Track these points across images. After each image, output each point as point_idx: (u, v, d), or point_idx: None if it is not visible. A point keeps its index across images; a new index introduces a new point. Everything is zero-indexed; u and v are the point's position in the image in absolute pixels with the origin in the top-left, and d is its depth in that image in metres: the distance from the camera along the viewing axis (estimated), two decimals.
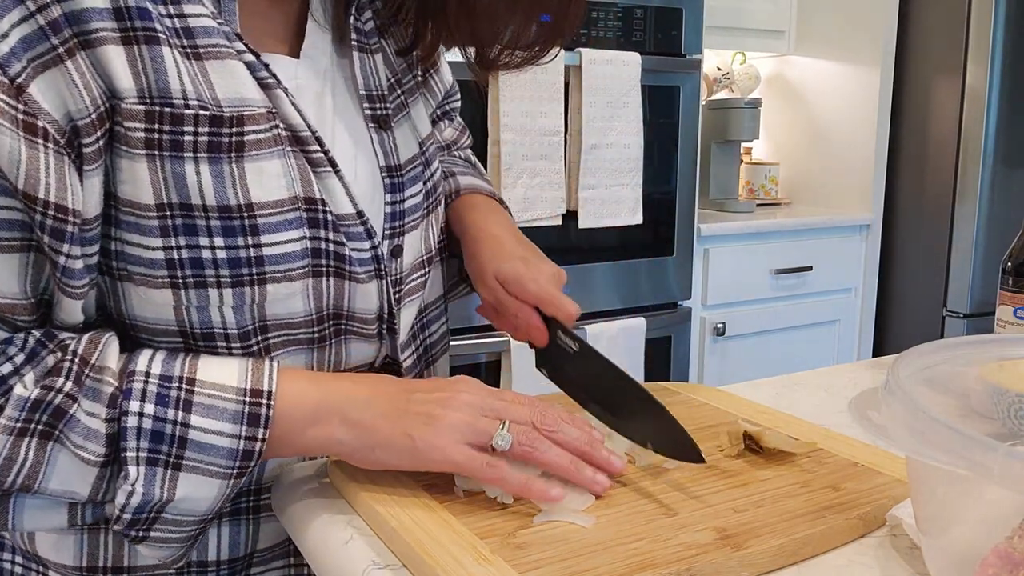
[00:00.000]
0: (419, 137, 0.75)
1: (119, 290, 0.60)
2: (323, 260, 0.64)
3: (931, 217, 2.58)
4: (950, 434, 0.41)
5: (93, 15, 0.54)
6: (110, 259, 0.59)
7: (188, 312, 0.60)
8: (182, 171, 0.57)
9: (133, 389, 0.56)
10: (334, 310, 0.66)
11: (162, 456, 0.56)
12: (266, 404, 0.58)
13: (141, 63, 0.55)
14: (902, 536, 0.56)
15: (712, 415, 0.76)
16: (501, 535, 0.54)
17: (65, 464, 0.55)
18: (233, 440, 0.57)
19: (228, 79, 0.59)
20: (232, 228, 0.59)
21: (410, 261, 0.73)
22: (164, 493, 0.56)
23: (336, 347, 0.68)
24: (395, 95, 0.74)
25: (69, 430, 0.54)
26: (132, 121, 0.55)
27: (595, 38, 2.10)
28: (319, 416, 0.59)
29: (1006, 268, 0.86)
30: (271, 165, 0.60)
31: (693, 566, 0.50)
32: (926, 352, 0.54)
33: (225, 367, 0.59)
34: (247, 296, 0.60)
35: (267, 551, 0.70)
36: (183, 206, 0.57)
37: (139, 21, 0.55)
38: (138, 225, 0.57)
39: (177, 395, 0.56)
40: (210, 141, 0.57)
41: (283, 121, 0.62)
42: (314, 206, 0.62)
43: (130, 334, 0.62)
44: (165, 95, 0.56)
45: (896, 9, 2.58)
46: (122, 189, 0.57)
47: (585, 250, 2.16)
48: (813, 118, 2.83)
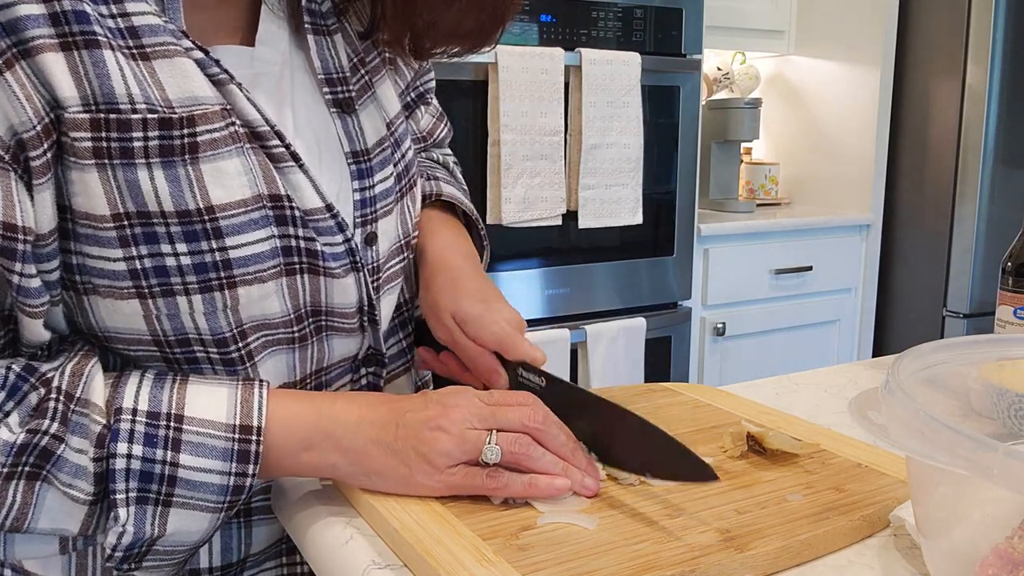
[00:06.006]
0: (387, 118, 0.72)
1: (86, 304, 0.58)
2: (295, 257, 0.62)
3: (931, 217, 2.58)
4: (950, 434, 0.42)
5: (29, 23, 0.52)
6: (73, 273, 0.57)
7: (159, 321, 0.58)
8: (135, 178, 0.55)
9: (120, 430, 0.55)
10: (312, 307, 0.65)
11: (151, 495, 0.55)
12: (256, 440, 0.57)
13: (83, 69, 0.53)
14: (903, 536, 0.56)
15: (714, 416, 0.76)
16: (504, 536, 0.54)
17: (54, 503, 0.54)
18: (223, 476, 0.56)
19: (178, 78, 0.56)
20: (194, 233, 0.57)
21: (386, 248, 0.71)
22: (155, 529, 0.56)
23: (318, 344, 0.67)
24: (358, 76, 0.70)
25: (57, 470, 0.54)
26: (78, 131, 0.53)
27: (595, 38, 2.10)
28: (312, 442, 0.59)
29: (1006, 268, 0.87)
30: (229, 164, 0.58)
31: (697, 567, 0.50)
32: (926, 352, 0.54)
33: (214, 399, 0.58)
34: (218, 301, 0.59)
35: (259, 554, 0.69)
36: (140, 214, 0.55)
37: (77, 25, 0.53)
38: (96, 237, 0.55)
39: (165, 434, 0.55)
40: (161, 145, 0.55)
41: (239, 117, 0.59)
42: (280, 203, 0.60)
43: (104, 346, 0.60)
44: (110, 100, 0.54)
45: (896, 9, 2.58)
46: (76, 201, 0.55)
47: (585, 250, 2.16)
48: (813, 118, 2.83)
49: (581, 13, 2.07)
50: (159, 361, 0.61)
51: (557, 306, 2.14)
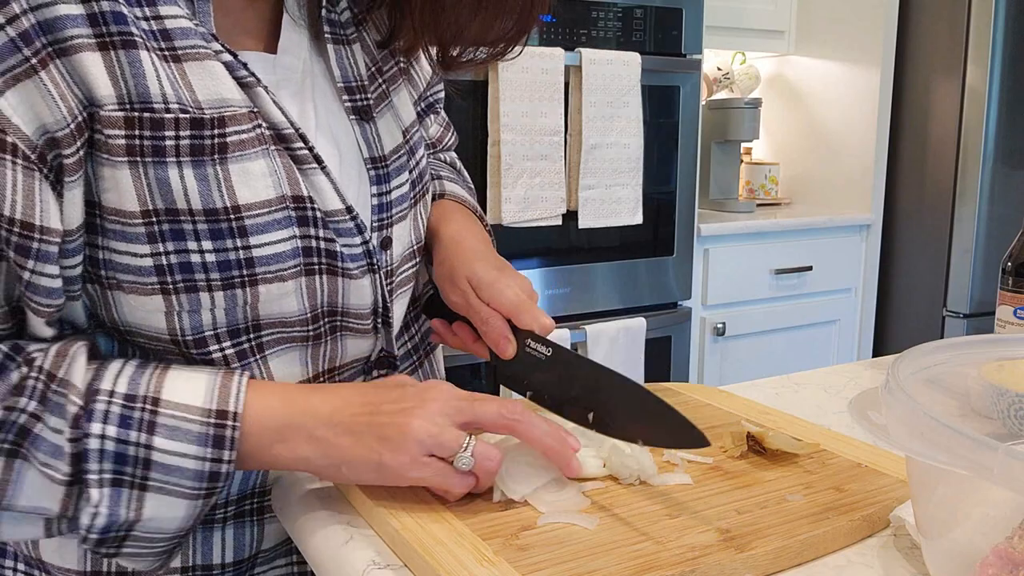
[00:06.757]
0: (402, 126, 0.74)
1: (109, 298, 0.59)
2: (315, 258, 0.63)
3: (931, 217, 2.58)
4: (950, 434, 0.42)
5: (67, 22, 0.53)
6: (98, 268, 0.58)
7: (180, 317, 0.59)
8: (166, 176, 0.56)
9: (95, 410, 0.55)
10: (328, 307, 0.66)
11: (127, 477, 0.55)
12: (231, 426, 0.57)
13: (119, 69, 0.54)
14: (903, 536, 0.57)
15: (714, 415, 0.76)
16: (504, 536, 0.54)
17: (33, 481, 0.54)
18: (199, 462, 0.56)
19: (208, 80, 0.58)
20: (220, 231, 0.58)
21: (400, 252, 0.72)
22: (130, 513, 0.56)
23: (332, 344, 0.68)
24: (376, 84, 0.72)
25: (35, 448, 0.54)
26: (112, 128, 0.54)
27: (595, 38, 2.10)
28: (284, 434, 0.59)
29: (1006, 268, 0.87)
30: (256, 165, 0.59)
31: (697, 567, 0.50)
32: (926, 352, 0.54)
33: (192, 383, 0.58)
34: (239, 298, 0.60)
35: (271, 550, 0.70)
36: (169, 211, 0.57)
37: (115, 26, 0.54)
38: (124, 233, 0.56)
39: (140, 416, 0.55)
40: (192, 144, 0.57)
41: (265, 120, 0.61)
42: (302, 204, 0.62)
43: (126, 339, 0.61)
44: (145, 100, 0.55)
45: (896, 9, 2.58)
46: (106, 197, 0.56)
47: (585, 250, 2.16)
48: (813, 118, 2.84)
49: (581, 13, 2.08)
50: (176, 356, 0.62)
51: (557, 306, 2.14)
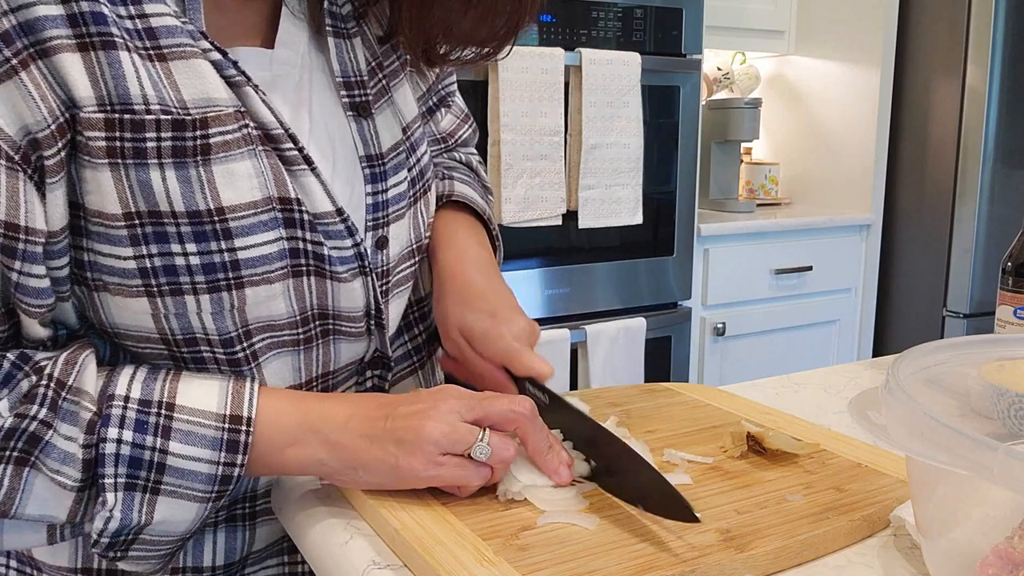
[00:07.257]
0: (403, 122, 0.72)
1: (96, 300, 0.59)
2: (302, 260, 0.63)
3: (931, 217, 2.58)
4: (950, 434, 0.42)
5: (47, 23, 0.52)
6: (84, 270, 0.58)
7: (167, 320, 0.59)
8: (147, 178, 0.56)
9: (112, 415, 0.55)
10: (319, 310, 0.65)
11: (140, 481, 0.55)
12: (245, 431, 0.57)
13: (99, 70, 0.54)
14: (903, 536, 0.57)
15: (714, 415, 0.76)
16: (504, 536, 0.54)
17: (42, 489, 0.54)
18: (212, 466, 0.57)
19: (194, 79, 0.57)
20: (204, 233, 0.57)
21: (397, 252, 0.71)
22: (142, 517, 0.56)
23: (324, 347, 0.67)
24: (376, 79, 0.71)
25: (45, 456, 0.54)
26: (92, 130, 0.54)
27: (595, 38, 2.10)
28: (298, 437, 0.59)
29: (1006, 268, 0.87)
30: (241, 166, 0.58)
31: (697, 567, 0.50)
32: (926, 352, 0.54)
33: (205, 389, 0.58)
34: (225, 301, 0.59)
35: (261, 551, 0.70)
36: (152, 213, 0.56)
37: (95, 27, 0.54)
38: (108, 235, 0.56)
39: (156, 421, 0.56)
40: (174, 146, 0.56)
41: (253, 119, 0.60)
42: (289, 206, 0.61)
43: (115, 342, 0.61)
44: (125, 101, 0.55)
45: (896, 9, 2.58)
46: (88, 199, 0.56)
47: (585, 250, 2.16)
48: (813, 118, 2.84)
49: (581, 13, 2.08)
50: (167, 359, 0.61)
51: (557, 306, 2.14)
